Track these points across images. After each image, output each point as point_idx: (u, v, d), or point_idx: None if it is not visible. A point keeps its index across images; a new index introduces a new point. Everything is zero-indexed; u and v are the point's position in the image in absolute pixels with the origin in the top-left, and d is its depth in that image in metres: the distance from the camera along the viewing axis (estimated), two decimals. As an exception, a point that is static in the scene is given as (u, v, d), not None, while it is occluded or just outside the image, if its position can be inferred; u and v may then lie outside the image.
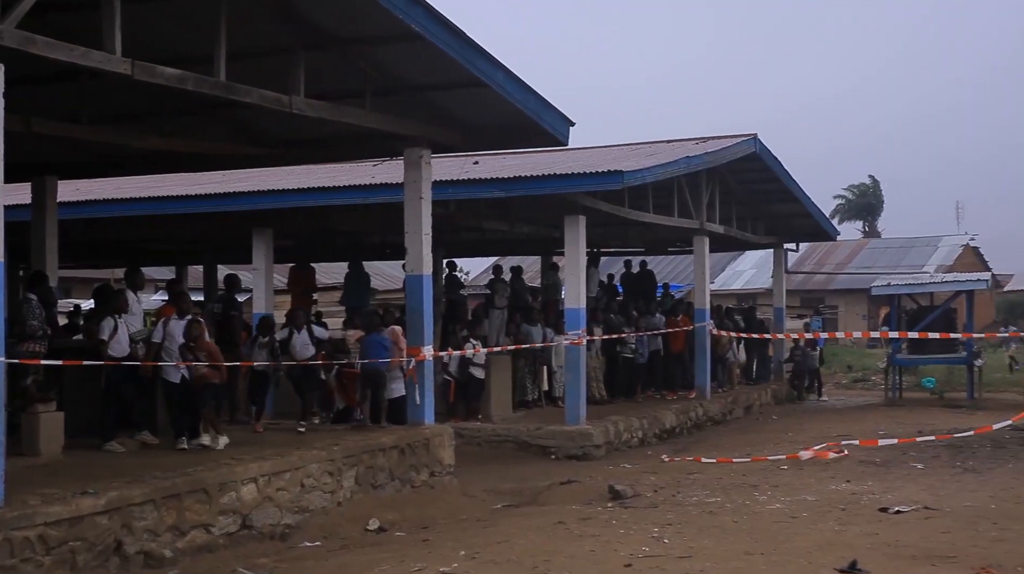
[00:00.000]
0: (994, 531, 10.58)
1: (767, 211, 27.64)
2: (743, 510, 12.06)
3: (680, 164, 19.96)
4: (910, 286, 29.92)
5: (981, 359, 27.57)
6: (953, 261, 56.19)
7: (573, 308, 18.37)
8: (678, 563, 9.27)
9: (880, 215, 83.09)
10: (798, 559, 9.40)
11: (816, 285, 56.89)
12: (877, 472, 14.71)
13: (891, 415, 23.23)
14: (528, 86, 13.67)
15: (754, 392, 26.37)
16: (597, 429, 17.93)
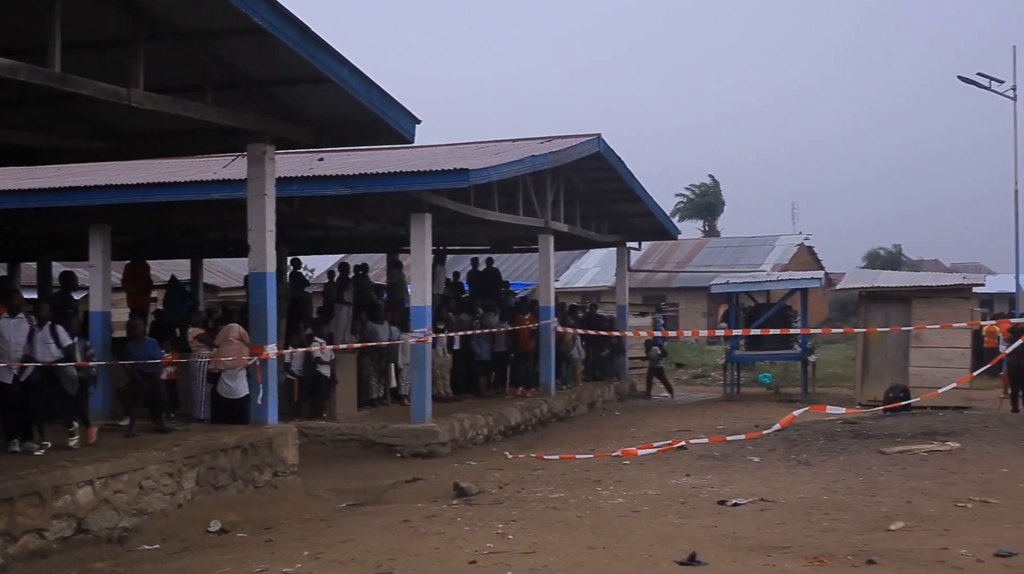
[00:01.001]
0: (826, 521, 10.94)
1: (611, 210, 28.03)
2: (586, 505, 12.20)
3: (525, 163, 20.10)
4: (748, 284, 30.67)
5: (815, 355, 28.46)
6: (789, 260, 57.84)
7: (419, 306, 18.34)
8: (522, 559, 9.33)
9: (720, 214, 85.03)
10: (639, 552, 9.56)
11: (658, 283, 57.89)
12: (716, 466, 15.05)
13: (730, 410, 23.80)
14: (374, 83, 13.60)
15: (597, 389, 26.72)
16: (443, 427, 17.94)
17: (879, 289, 25.86)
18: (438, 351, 20.57)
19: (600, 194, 26.77)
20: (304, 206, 18.55)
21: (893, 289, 25.67)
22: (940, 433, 17.27)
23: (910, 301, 24.77)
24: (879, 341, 24.89)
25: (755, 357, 29.13)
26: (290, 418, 17.11)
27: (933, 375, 23.19)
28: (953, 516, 11.14)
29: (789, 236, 63.85)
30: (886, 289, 25.77)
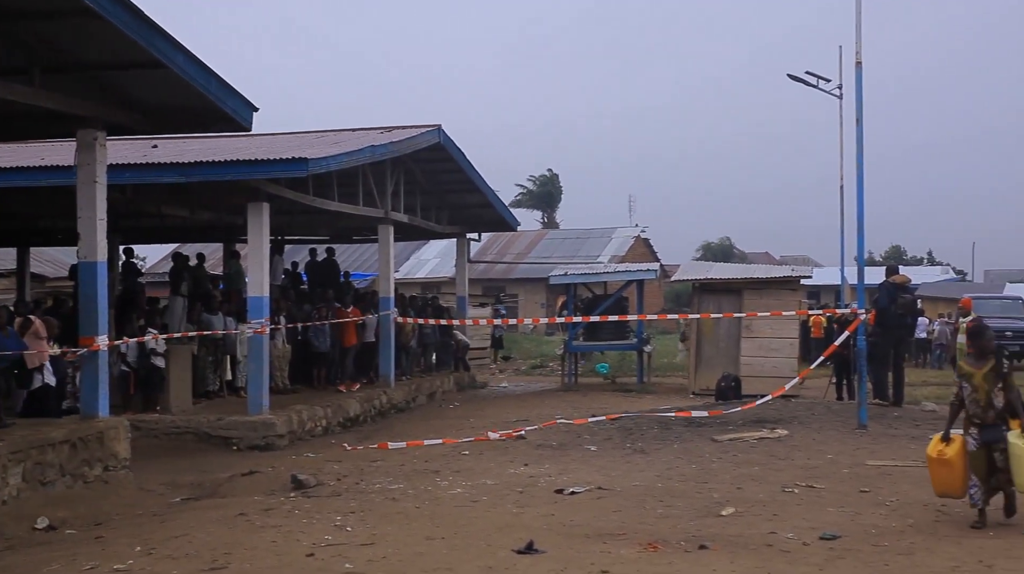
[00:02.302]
0: (660, 508, 11.17)
1: (451, 201, 28.08)
2: (425, 496, 12.22)
3: (365, 153, 19.98)
4: (585, 275, 31.08)
5: (650, 345, 29.02)
6: (625, 252, 58.85)
7: (256, 296, 18.08)
8: (360, 550, 9.30)
9: (559, 206, 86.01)
10: (478, 542, 9.62)
11: (498, 274, 58.23)
12: (554, 455, 15.21)
13: (567, 400, 24.10)
14: (210, 70, 13.34)
15: (437, 379, 26.76)
16: (280, 419, 17.73)
17: (712, 281, 26.51)
18: (276, 342, 20.31)
19: (441, 185, 26.80)
20: (137, 194, 18.10)
21: (725, 281, 26.34)
22: (769, 421, 17.79)
23: (741, 292, 25.47)
24: (712, 332, 25.51)
25: (592, 347, 29.54)
26: (122, 411, 16.68)
27: (763, 364, 23.92)
28: (781, 501, 11.51)
29: (626, 229, 65.00)
30: (719, 281, 26.43)
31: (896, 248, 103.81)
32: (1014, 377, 10.34)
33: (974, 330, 10.73)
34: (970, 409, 10.31)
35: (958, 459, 10.18)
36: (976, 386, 10.24)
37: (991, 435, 10.08)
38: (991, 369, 10.24)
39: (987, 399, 10.16)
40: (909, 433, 16.73)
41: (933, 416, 19.13)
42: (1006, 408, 10.13)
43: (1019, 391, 10.27)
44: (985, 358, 10.38)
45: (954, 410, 10.56)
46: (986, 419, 10.15)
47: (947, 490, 10.40)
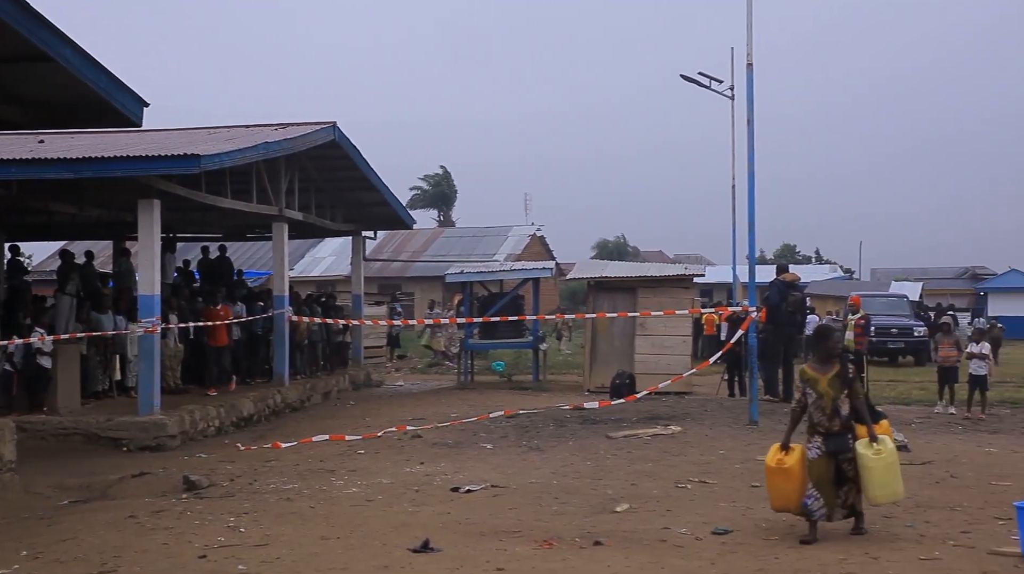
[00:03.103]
0: (556, 505, 11.25)
1: (347, 199, 27.88)
2: (320, 495, 12.15)
3: (259, 149, 19.76)
4: (481, 274, 31.10)
5: (546, 343, 29.15)
6: (522, 250, 59.06)
7: (147, 295, 17.77)
8: (254, 551, 9.22)
9: (454, 205, 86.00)
10: (373, 541, 9.60)
11: (393, 272, 58.06)
12: (450, 453, 15.23)
13: (463, 398, 24.10)
14: (99, 64, 13.05)
15: (332, 378, 26.57)
16: (172, 419, 17.45)
17: (607, 279, 26.71)
18: (168, 342, 19.98)
19: (336, 182, 26.60)
20: (24, 190, 17.66)
21: (620, 279, 26.57)
22: (663, 418, 18.02)
23: (636, 291, 25.71)
24: (607, 330, 25.72)
25: (488, 345, 29.58)
26: (7, 412, 16.28)
27: (657, 362, 24.17)
28: (674, 497, 11.67)
29: (522, 227, 65.22)
30: (613, 279, 26.65)
31: (787, 247, 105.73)
32: (859, 382, 9.97)
33: (818, 332, 10.28)
34: (814, 416, 9.84)
35: (798, 468, 9.72)
36: (821, 392, 9.78)
37: (837, 445, 9.67)
38: (836, 374, 9.78)
39: (832, 406, 9.70)
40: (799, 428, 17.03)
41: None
42: (852, 416, 9.75)
43: (867, 398, 10.05)
44: (830, 362, 9.92)
45: (795, 417, 10.15)
46: (831, 428, 9.70)
47: (785, 504, 9.79)
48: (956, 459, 14.34)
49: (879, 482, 9.52)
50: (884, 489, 9.58)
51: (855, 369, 10.02)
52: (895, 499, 9.90)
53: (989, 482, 12.58)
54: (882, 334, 35.15)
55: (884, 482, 9.54)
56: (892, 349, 36.98)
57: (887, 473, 9.56)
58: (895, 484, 9.66)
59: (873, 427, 9.70)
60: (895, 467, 9.63)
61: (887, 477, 9.56)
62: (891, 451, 9.61)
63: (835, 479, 9.63)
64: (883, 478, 9.53)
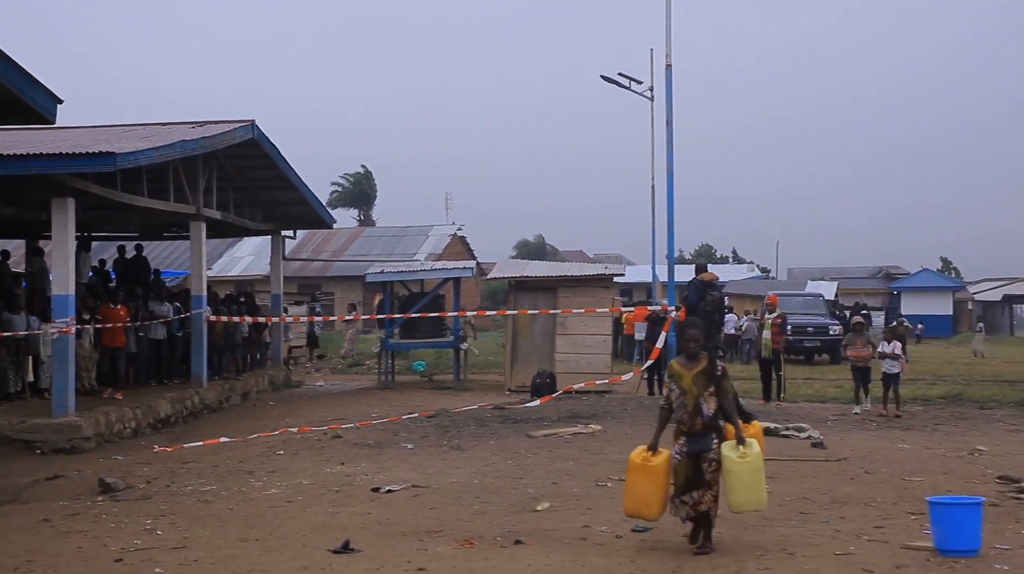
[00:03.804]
0: (476, 505, 11.26)
1: (266, 198, 27.64)
2: (239, 497, 12.04)
3: (176, 148, 19.53)
4: (402, 273, 31.03)
5: (467, 343, 29.15)
6: (443, 250, 59.02)
7: (61, 295, 17.46)
8: (171, 554, 9.12)
9: (375, 204, 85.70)
10: (293, 542, 9.54)
11: (313, 272, 57.70)
12: (370, 454, 15.16)
13: (384, 398, 24.02)
14: (10, 59, 12.79)
15: (251, 378, 26.31)
16: (87, 421, 17.16)
17: (528, 278, 26.77)
18: (83, 342, 19.65)
19: (255, 181, 26.36)
20: (-69, 188, 17.26)
21: (541, 278, 26.65)
22: (583, 416, 18.10)
23: (556, 290, 25.79)
24: (527, 329, 25.78)
25: (409, 345, 29.50)
26: (-85, 415, 15.90)
27: (577, 361, 24.28)
28: (595, 495, 11.73)
29: (443, 227, 65.18)
30: (534, 278, 26.72)
31: (706, 246, 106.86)
32: (729, 380, 9.21)
33: (678, 326, 9.51)
34: (677, 414, 9.15)
35: (663, 470, 9.04)
36: (684, 389, 9.07)
37: (699, 445, 8.98)
38: (702, 371, 9.09)
39: (695, 404, 9.00)
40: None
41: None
42: (718, 415, 9.07)
43: (735, 397, 9.39)
44: (697, 358, 9.19)
45: (662, 416, 9.37)
46: (693, 427, 9.01)
47: (639, 508, 9.15)
48: (870, 456, 14.58)
49: (743, 487, 8.89)
50: (748, 495, 8.93)
51: (724, 366, 9.35)
52: (758, 507, 9.28)
53: (902, 478, 12.81)
54: (798, 333, 35.66)
55: (748, 488, 8.90)
56: (808, 348, 37.54)
57: (752, 478, 8.93)
58: (759, 491, 9.02)
59: (741, 428, 9.07)
60: (760, 473, 9.01)
61: (752, 482, 8.93)
62: (757, 456, 8.95)
63: (694, 482, 8.96)
64: (747, 483, 8.89)
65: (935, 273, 75.11)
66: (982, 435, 17.35)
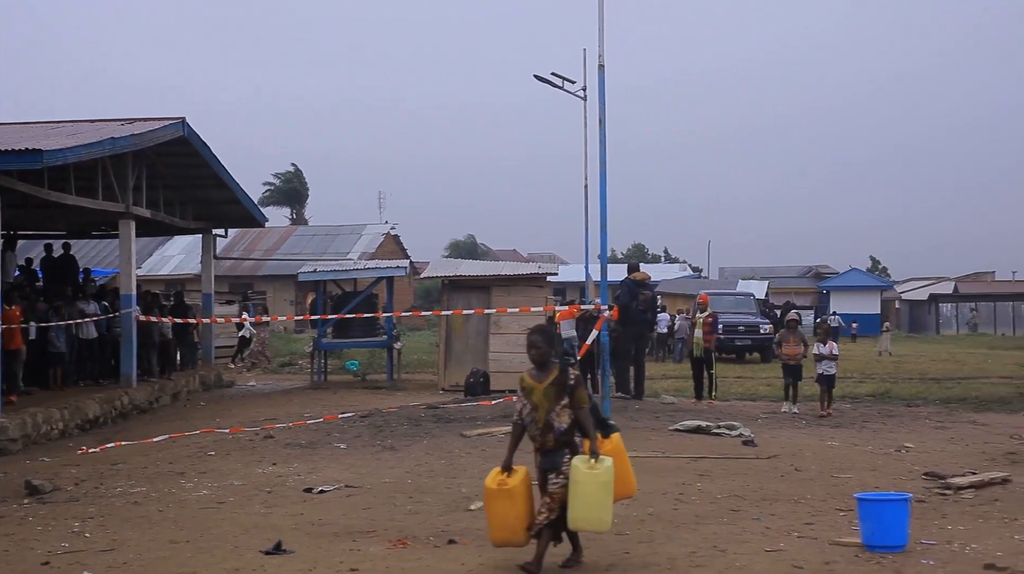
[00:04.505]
0: (410, 505, 11.24)
1: (197, 196, 27.40)
2: (169, 498, 11.91)
3: (105, 145, 19.29)
4: (335, 272, 30.89)
5: (400, 342, 29.09)
6: (376, 248, 58.85)
7: (-15, 294, 17.18)
8: (100, 557, 9.01)
9: (306, 203, 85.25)
10: (224, 544, 9.47)
11: (245, 271, 57.28)
12: (303, 454, 15.07)
13: (316, 398, 23.90)
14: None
15: (182, 379, 26.04)
16: (13, 422, 16.88)
17: (461, 277, 26.77)
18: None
19: (186, 179, 26.12)
20: None
21: (474, 278, 26.66)
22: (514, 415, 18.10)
23: (490, 289, 25.82)
24: (461, 328, 25.78)
25: (342, 345, 29.38)
26: None
27: (511, 360, 24.29)
28: (528, 494, 11.73)
29: (376, 225, 65.03)
30: (468, 278, 26.72)
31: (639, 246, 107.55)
32: (584, 390, 8.40)
33: (532, 332, 8.61)
34: (528, 430, 8.41)
35: (523, 490, 8.33)
36: (535, 403, 8.34)
37: (550, 462, 8.29)
38: (552, 382, 8.29)
39: (546, 419, 8.26)
40: (650, 425, 17.40)
41: (672, 408, 19.95)
42: (573, 430, 8.29)
43: (593, 408, 8.56)
44: (548, 369, 8.40)
45: (515, 433, 8.59)
46: (545, 443, 8.29)
47: (508, 535, 8.37)
48: (800, 453, 14.76)
49: (584, 502, 8.03)
50: (588, 511, 8.06)
51: (578, 374, 8.49)
52: (598, 529, 8.34)
53: (831, 475, 12.98)
54: (730, 331, 36.03)
55: (591, 503, 8.04)
56: (739, 346, 37.94)
57: (597, 494, 8.05)
58: (601, 510, 8.10)
59: (597, 442, 8.26)
60: (606, 491, 8.10)
61: (595, 498, 8.05)
62: (606, 471, 8.09)
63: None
64: (590, 498, 8.03)
65: (864, 273, 76.16)
66: (909, 432, 17.62)
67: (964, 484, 12.04)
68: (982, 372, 31.84)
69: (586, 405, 8.32)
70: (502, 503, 8.32)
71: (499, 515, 8.35)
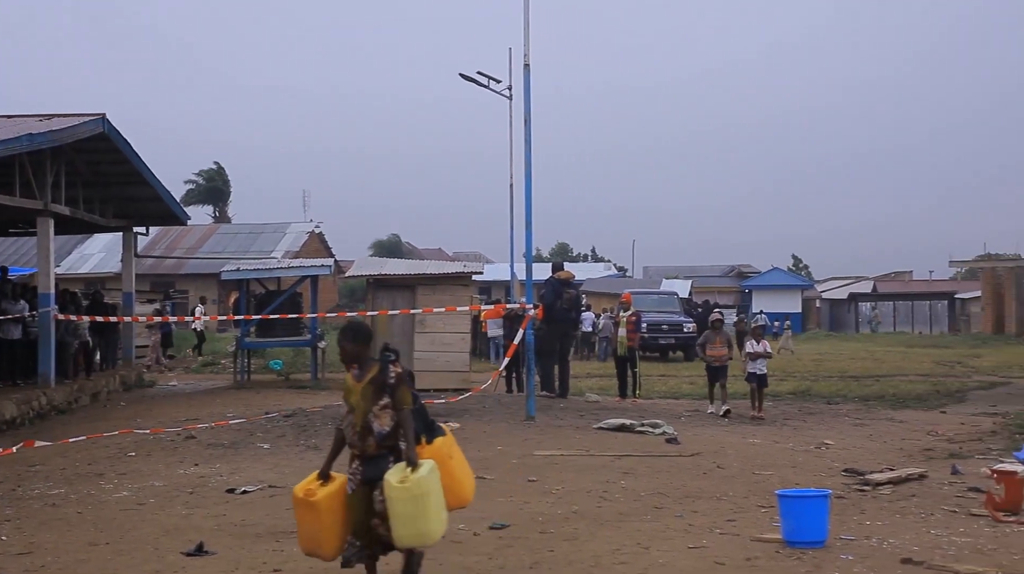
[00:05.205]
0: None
1: (118, 193, 27.00)
2: (88, 500, 11.75)
3: (23, 141, 18.98)
4: (258, 271, 30.61)
5: (324, 342, 28.90)
6: (300, 247, 58.46)
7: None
8: (16, 560, 8.87)
9: (229, 201, 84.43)
10: (145, 546, 9.36)
11: (167, 269, 56.61)
12: (225, 454, 14.93)
13: (239, 398, 23.67)
14: None
15: (102, 379, 25.67)
16: (-73, 423, 16.56)
17: (386, 277, 26.66)
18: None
19: (106, 176, 25.73)
20: None
21: (399, 276, 26.56)
22: (442, 414, 18.09)
23: (415, 288, 25.74)
24: (386, 327, 25.67)
25: (266, 344, 29.14)
26: None
27: (435, 359, 24.28)
28: (453, 493, 11.72)
29: (300, 224, 64.55)
30: (393, 277, 26.62)
31: (563, 245, 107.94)
32: (407, 390, 7.61)
33: (339, 332, 7.90)
34: (347, 435, 7.66)
35: (327, 505, 7.56)
36: (353, 405, 7.62)
37: (375, 470, 7.47)
38: (371, 381, 7.55)
39: (364, 422, 7.51)
40: (574, 423, 17.47)
41: (597, 406, 20.05)
42: (396, 434, 7.52)
43: (418, 411, 7.78)
44: (366, 367, 7.68)
45: (336, 438, 7.89)
46: (365, 449, 7.51)
47: (313, 547, 7.70)
48: (723, 450, 14.91)
49: (400, 519, 7.29)
50: (407, 527, 7.31)
51: (402, 372, 7.66)
52: (423, 543, 7.53)
53: (753, 472, 13.13)
54: (653, 330, 36.32)
55: (406, 519, 7.30)
56: (663, 345, 38.24)
57: (412, 508, 7.28)
58: (421, 522, 7.34)
59: (414, 449, 7.46)
60: (425, 501, 7.33)
61: (412, 513, 7.29)
62: (419, 482, 7.30)
63: (366, 514, 7.52)
64: (405, 514, 7.28)
65: (785, 272, 77.23)
66: (829, 429, 17.89)
67: (882, 480, 12.26)
68: (899, 370, 32.44)
69: (408, 406, 7.55)
70: (305, 514, 7.69)
71: (303, 525, 7.77)
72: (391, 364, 7.59)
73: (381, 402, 7.48)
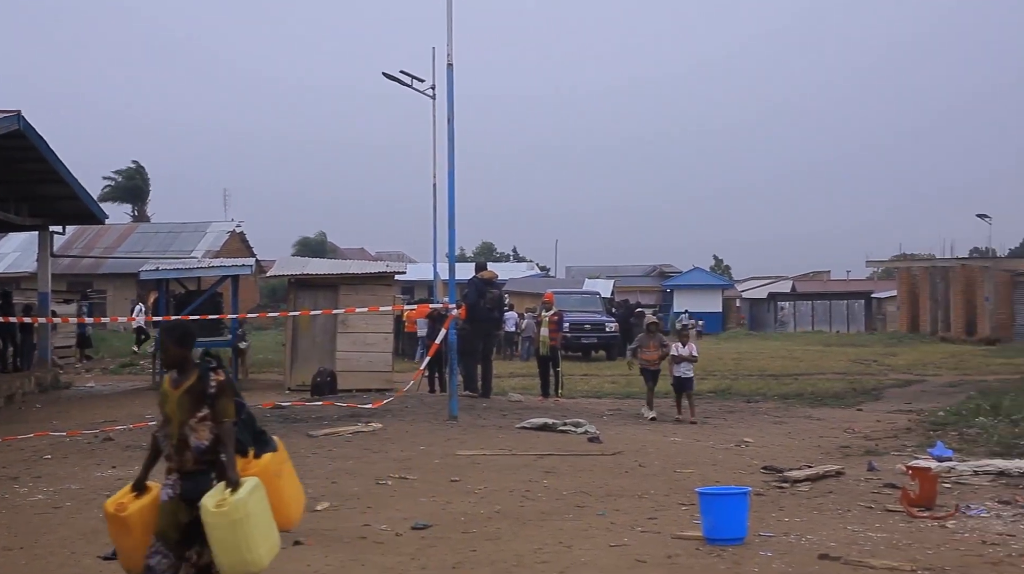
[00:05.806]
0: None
1: (34, 191, 26.51)
2: (2, 504, 11.53)
3: (-66, 138, 18.58)
4: (178, 271, 30.24)
5: (246, 342, 28.66)
6: (221, 246, 57.87)
7: None
8: (-73, 567, 8.68)
9: (148, 200, 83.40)
10: (61, 550, 9.23)
11: (84, 269, 55.78)
12: (143, 457, 14.69)
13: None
14: None
15: (16, 380, 25.21)
16: None
17: (308, 276, 26.48)
18: None
19: (21, 174, 25.25)
20: None
21: (321, 276, 26.40)
22: (364, 415, 18.05)
23: (338, 288, 25.59)
24: (308, 327, 25.51)
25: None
26: None
27: (358, 359, 24.17)
28: (375, 493, 11.71)
29: (221, 223, 63.89)
30: (315, 276, 26.45)
31: (487, 245, 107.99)
32: (230, 400, 6.83)
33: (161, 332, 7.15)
34: (164, 448, 6.96)
35: (139, 519, 6.88)
36: (168, 414, 6.93)
37: (192, 489, 6.70)
38: (188, 389, 6.83)
39: (180, 434, 6.79)
40: (497, 423, 17.50)
41: (519, 406, 20.09)
42: (216, 448, 6.76)
43: (245, 422, 7.07)
44: (186, 373, 6.93)
45: (152, 447, 7.19)
46: (184, 464, 6.77)
47: (130, 566, 6.91)
48: (644, 449, 15.02)
49: (220, 547, 6.52)
50: (229, 555, 6.53)
51: (224, 380, 6.87)
52: (250, 571, 6.63)
53: (674, 470, 13.24)
54: (576, 330, 36.48)
55: (227, 547, 6.52)
56: (585, 344, 38.40)
57: (230, 534, 6.51)
58: (244, 549, 6.55)
59: (234, 467, 6.72)
60: (245, 526, 6.54)
61: (232, 540, 6.51)
62: (237, 506, 6.52)
63: (194, 535, 6.65)
64: (225, 540, 6.51)
65: (706, 272, 77.94)
66: (748, 427, 18.11)
67: (800, 477, 12.43)
68: (817, 368, 32.90)
69: (230, 418, 6.79)
70: (116, 529, 7.01)
71: (117, 541, 7.08)
72: (212, 371, 6.84)
73: (199, 414, 6.76)
